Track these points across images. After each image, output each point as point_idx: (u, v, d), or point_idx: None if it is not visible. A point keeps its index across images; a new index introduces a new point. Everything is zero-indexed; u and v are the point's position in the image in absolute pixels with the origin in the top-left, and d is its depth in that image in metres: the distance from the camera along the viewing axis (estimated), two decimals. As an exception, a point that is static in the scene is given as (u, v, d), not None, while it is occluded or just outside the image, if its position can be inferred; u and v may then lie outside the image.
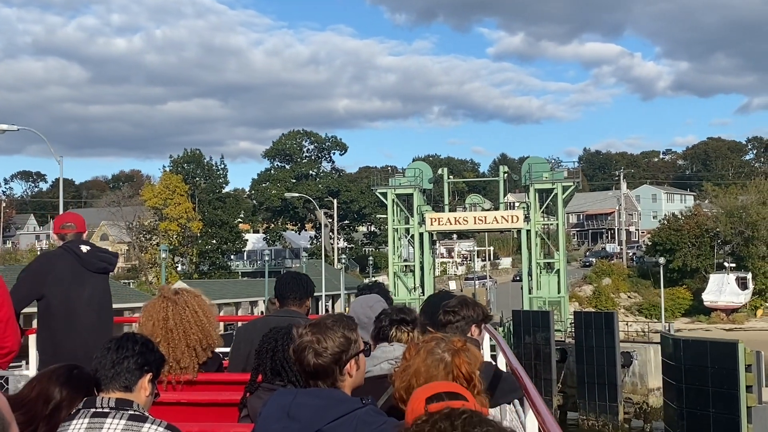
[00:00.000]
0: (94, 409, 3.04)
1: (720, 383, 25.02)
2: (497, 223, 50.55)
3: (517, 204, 64.28)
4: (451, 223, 51.32)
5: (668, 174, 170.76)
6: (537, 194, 50.60)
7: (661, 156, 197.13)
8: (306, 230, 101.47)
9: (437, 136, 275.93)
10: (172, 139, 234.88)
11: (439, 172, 54.24)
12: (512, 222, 50.17)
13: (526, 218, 50.19)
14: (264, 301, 58.20)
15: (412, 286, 51.60)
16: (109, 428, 3.00)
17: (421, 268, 52.17)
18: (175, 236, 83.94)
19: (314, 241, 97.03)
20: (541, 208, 50.79)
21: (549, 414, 3.12)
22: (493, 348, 6.33)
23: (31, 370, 6.37)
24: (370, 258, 75.24)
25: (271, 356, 3.86)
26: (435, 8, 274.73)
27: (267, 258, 73.38)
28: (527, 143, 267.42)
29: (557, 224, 50.52)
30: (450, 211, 53.71)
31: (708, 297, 78.12)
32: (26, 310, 5.71)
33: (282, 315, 5.16)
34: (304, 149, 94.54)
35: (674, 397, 27.29)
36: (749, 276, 78.95)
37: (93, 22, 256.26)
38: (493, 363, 5.21)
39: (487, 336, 5.74)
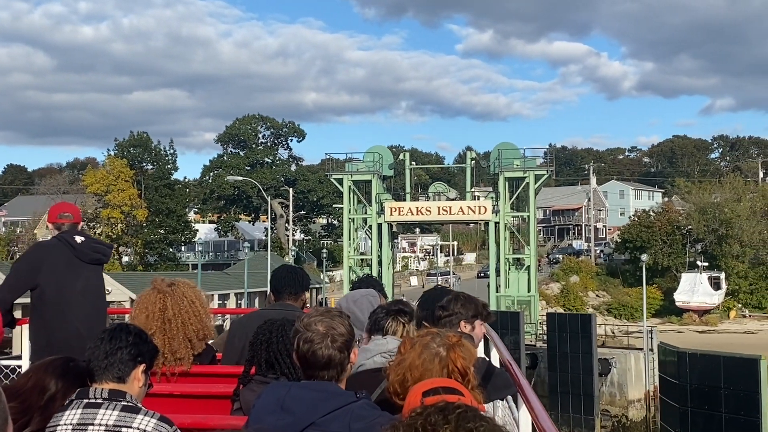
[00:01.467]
0: (87, 400, 3.06)
1: (736, 408, 20.50)
2: (463, 214, 46.01)
3: (482, 196, 59.94)
4: (412, 214, 46.67)
5: (633, 171, 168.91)
6: (507, 183, 46.24)
7: (627, 154, 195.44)
8: (261, 221, 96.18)
9: (403, 132, 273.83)
10: (137, 129, 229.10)
11: (401, 157, 49.50)
12: (480, 213, 45.68)
13: (495, 209, 45.77)
14: (216, 295, 53.41)
15: (368, 282, 46.87)
16: (101, 419, 3.01)
17: (379, 263, 47.48)
18: (118, 225, 78.36)
19: (269, 233, 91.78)
20: (511, 199, 46.44)
21: (543, 410, 3.17)
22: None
23: (24, 359, 6.19)
24: (324, 251, 70.08)
25: (266, 348, 3.82)
26: (404, 3, 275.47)
27: (225, 249, 68.43)
28: (493, 140, 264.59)
29: (528, 216, 46.20)
30: (412, 200, 49.02)
31: (680, 297, 74.78)
32: (21, 300, 5.74)
33: (277, 308, 5.11)
34: (260, 135, 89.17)
35: (676, 423, 22.73)
36: (722, 276, 75.72)
37: (59, 10, 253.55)
38: (487, 359, 5.16)
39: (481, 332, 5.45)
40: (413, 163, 52.00)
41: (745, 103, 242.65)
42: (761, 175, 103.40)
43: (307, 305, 5.47)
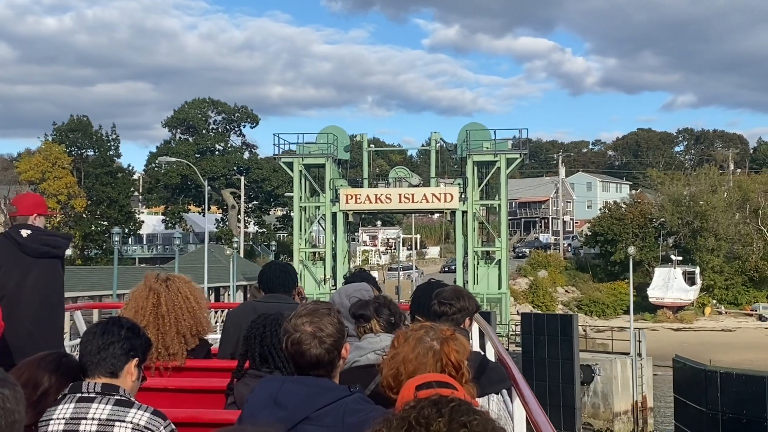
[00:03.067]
0: (79, 394, 3.06)
1: (787, 446, 15.83)
2: (427, 202, 41.20)
3: (444, 184, 55.06)
4: (370, 202, 41.71)
5: (598, 164, 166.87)
6: (475, 168, 41.55)
7: (591, 147, 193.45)
8: (212, 212, 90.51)
9: (369, 126, 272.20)
10: (100, 121, 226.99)
11: (358, 138, 44.50)
12: (446, 201, 40.89)
13: (462, 197, 41.08)
14: None
15: (321, 278, 41.81)
16: (95, 413, 3.03)
17: (334, 256, 42.51)
18: (56, 216, 72.24)
19: (220, 225, 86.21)
20: (480, 185, 41.76)
21: (536, 404, 3.23)
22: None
23: None
24: (273, 243, 64.73)
25: (260, 342, 3.79)
26: None
27: (175, 243, 62.53)
28: (457, 135, 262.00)
29: (499, 205, 41.55)
30: (370, 187, 44.01)
31: (654, 293, 71.08)
32: None
33: (271, 301, 5.10)
34: (210, 120, 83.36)
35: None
36: (697, 270, 72.14)
37: (23, 1, 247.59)
38: (482, 353, 5.26)
39: (475, 326, 5.78)
40: (372, 145, 46.84)
41: (707, 99, 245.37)
42: (731, 167, 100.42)
43: (303, 296, 5.65)
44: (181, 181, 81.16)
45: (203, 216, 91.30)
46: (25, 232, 5.41)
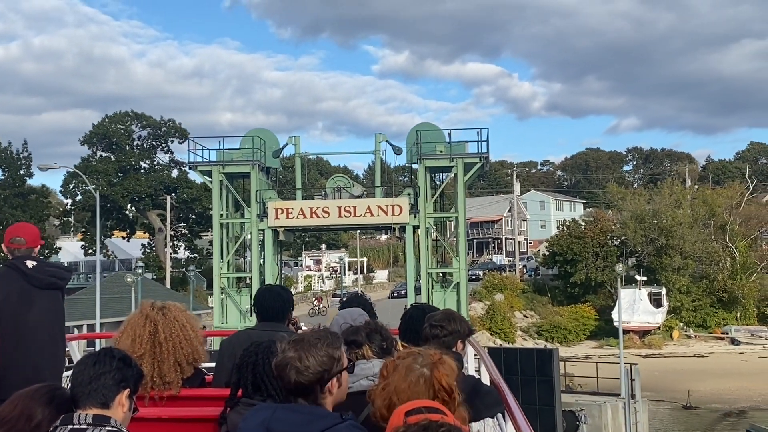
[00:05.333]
0: (71, 426, 3.08)
1: None
2: (372, 215, 34.73)
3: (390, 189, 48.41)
4: (305, 216, 35.07)
5: (548, 185, 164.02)
6: (428, 175, 35.40)
7: (539, 168, 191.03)
8: (138, 237, 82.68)
9: (319, 151, 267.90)
10: (46, 151, 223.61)
11: (287, 141, 37.82)
12: (394, 214, 34.51)
13: (413, 209, 34.84)
14: (86, 326, 40.89)
15: (247, 308, 34.87)
16: None
17: (262, 282, 35.73)
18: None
19: (147, 251, 78.43)
20: (434, 196, 35.58)
21: (528, 428, 3.21)
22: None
23: None
24: (192, 268, 57.34)
25: (252, 370, 3.76)
26: (321, 24, 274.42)
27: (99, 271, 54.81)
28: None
29: (456, 218, 35.38)
30: (305, 198, 37.34)
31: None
32: None
33: (265, 329, 5.10)
34: (134, 136, 75.85)
35: None
36: (663, 292, 67.16)
37: None
38: (476, 376, 5.24)
39: (470, 350, 5.85)
40: (306, 152, 40.18)
41: (650, 122, 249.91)
42: (689, 182, 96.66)
43: (297, 325, 5.73)
44: (101, 202, 73.25)
45: (128, 241, 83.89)
46: (30, 263, 5.46)
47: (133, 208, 75.85)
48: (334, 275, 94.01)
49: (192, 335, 4.62)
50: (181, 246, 79.69)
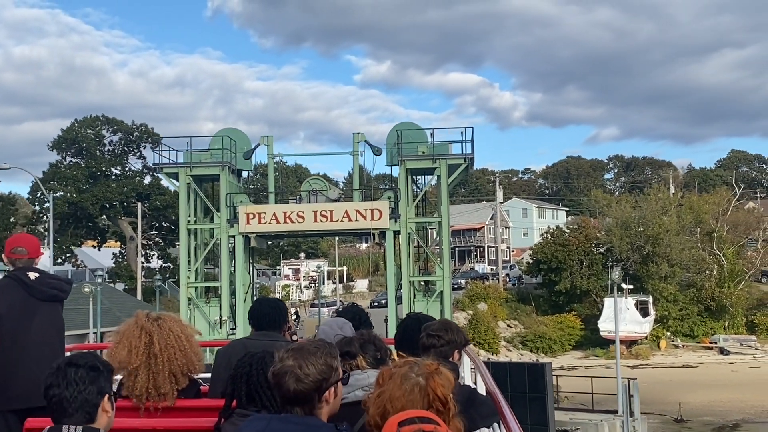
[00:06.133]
0: None
1: None
2: (350, 220, 32.50)
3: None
4: (278, 221, 32.78)
5: (529, 193, 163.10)
6: (410, 177, 33.33)
7: (521, 176, 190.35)
8: (109, 246, 79.90)
9: (300, 161, 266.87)
10: (26, 161, 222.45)
11: (259, 142, 35.51)
12: (373, 219, 32.34)
13: (394, 214, 32.73)
14: None
15: (216, 319, 32.52)
16: None
17: (233, 293, 33.47)
18: None
19: (118, 260, 75.76)
20: (416, 200, 33.49)
21: None
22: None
23: None
24: (158, 277, 54.77)
25: (246, 381, 3.79)
26: (303, 34, 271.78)
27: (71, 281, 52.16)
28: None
29: (440, 223, 33.29)
30: (278, 203, 35.05)
31: (605, 326, 63.76)
32: None
33: (261, 339, 5.15)
34: (105, 141, 73.24)
35: None
36: (650, 300, 65.47)
37: None
38: (472, 386, 5.23)
39: (466, 360, 5.93)
40: (280, 153, 37.86)
41: (630, 131, 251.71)
42: (673, 189, 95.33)
43: (293, 332, 5.72)
44: (70, 210, 70.59)
45: (99, 250, 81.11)
46: (32, 275, 5.45)
47: (104, 215, 73.09)
48: (313, 285, 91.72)
49: (187, 346, 4.58)
50: (154, 255, 77.05)
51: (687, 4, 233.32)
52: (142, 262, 70.52)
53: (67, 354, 6.03)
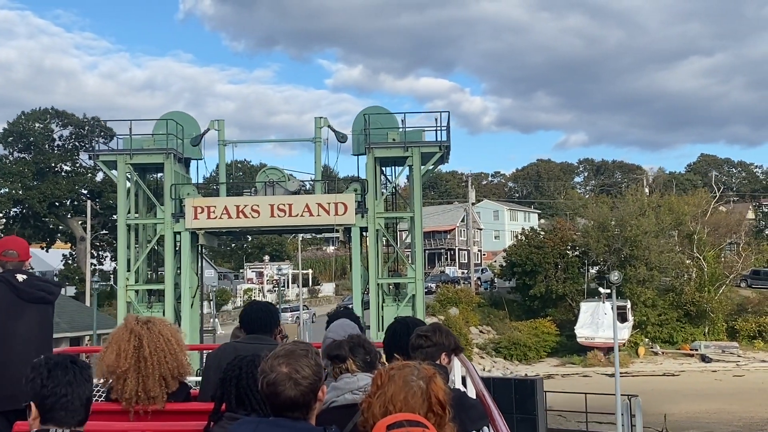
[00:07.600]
0: None
1: None
2: (311, 215, 28.86)
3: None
4: (230, 216, 29.02)
5: (499, 196, 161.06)
6: (379, 167, 29.84)
7: (490, 179, 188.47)
8: (58, 247, 75.22)
9: (266, 160, 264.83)
10: None
11: (208, 126, 31.73)
12: (337, 213, 28.73)
13: (361, 208, 29.18)
14: None
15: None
16: None
17: (178, 297, 29.63)
18: None
19: (68, 261, 71.24)
20: (385, 193, 29.98)
21: None
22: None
23: None
24: (96, 279, 50.57)
25: (236, 384, 3.74)
26: (274, 37, 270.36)
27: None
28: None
29: (412, 218, 29.80)
30: (231, 195, 31.28)
31: (582, 332, 61.06)
32: None
33: (252, 342, 5.16)
34: (55, 135, 68.73)
35: None
36: (628, 305, 62.68)
37: None
38: (463, 390, 5.21)
39: (457, 364, 5.87)
40: (229, 138, 34.01)
41: (598, 137, 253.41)
42: (647, 191, 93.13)
43: (284, 335, 5.64)
44: (15, 208, 65.96)
45: (47, 251, 76.44)
46: (20, 277, 5.47)
47: (53, 214, 68.51)
48: (276, 288, 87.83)
49: (177, 349, 4.53)
50: (107, 257, 72.64)
51: (656, 11, 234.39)
52: (93, 264, 66.14)
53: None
